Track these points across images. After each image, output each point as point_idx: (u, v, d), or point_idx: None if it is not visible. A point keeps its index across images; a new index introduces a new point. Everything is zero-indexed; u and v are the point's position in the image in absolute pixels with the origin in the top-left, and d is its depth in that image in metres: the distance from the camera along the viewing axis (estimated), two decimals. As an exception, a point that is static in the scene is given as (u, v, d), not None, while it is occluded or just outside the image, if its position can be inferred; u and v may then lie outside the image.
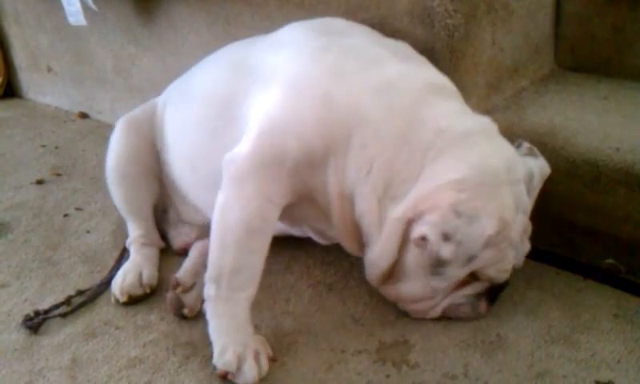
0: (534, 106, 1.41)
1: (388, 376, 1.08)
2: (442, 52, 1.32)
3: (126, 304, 1.30)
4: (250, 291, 1.13)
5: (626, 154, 1.21)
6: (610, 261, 1.27)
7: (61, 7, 2.05)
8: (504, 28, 1.42)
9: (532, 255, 1.32)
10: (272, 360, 1.12)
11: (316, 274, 1.36)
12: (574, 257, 1.31)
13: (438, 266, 1.07)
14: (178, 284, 1.27)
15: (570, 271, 1.29)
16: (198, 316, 1.23)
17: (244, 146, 1.13)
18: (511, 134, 1.32)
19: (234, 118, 1.21)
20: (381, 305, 1.24)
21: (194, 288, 1.28)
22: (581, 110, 1.38)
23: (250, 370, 1.08)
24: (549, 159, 1.27)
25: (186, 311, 1.24)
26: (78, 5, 1.96)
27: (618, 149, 1.23)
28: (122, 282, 1.32)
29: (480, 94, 1.40)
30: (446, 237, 1.03)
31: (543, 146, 1.28)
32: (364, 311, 1.23)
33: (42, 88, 2.62)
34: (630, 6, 1.46)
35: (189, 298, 1.26)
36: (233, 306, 1.12)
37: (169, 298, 1.26)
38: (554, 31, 1.56)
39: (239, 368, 1.08)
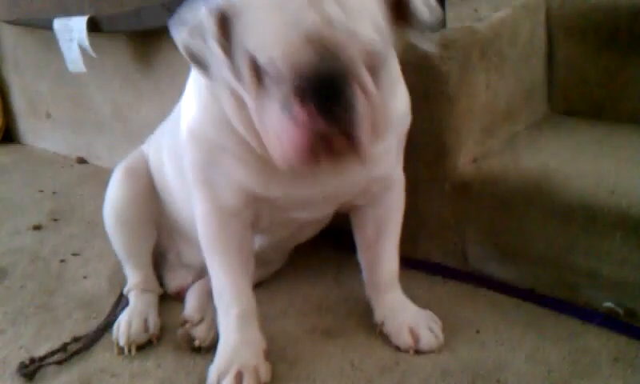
0: (528, 150, 1.43)
1: (387, 423, 1.06)
2: (436, 98, 1.34)
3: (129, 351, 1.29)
4: (236, 309, 1.18)
5: (621, 197, 1.22)
6: (609, 304, 1.26)
7: (60, 54, 2.08)
8: (497, 74, 1.44)
9: (531, 298, 1.33)
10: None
11: (313, 320, 1.35)
12: (572, 300, 1.31)
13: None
14: (185, 321, 1.29)
15: (569, 315, 1.28)
16: (198, 358, 1.23)
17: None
18: (506, 180, 1.34)
19: None
20: (379, 351, 1.23)
21: (203, 321, 1.29)
22: (575, 154, 1.39)
23: None
24: (544, 203, 1.28)
25: (196, 343, 1.26)
26: (78, 51, 1.98)
27: (612, 192, 1.24)
28: (128, 330, 1.31)
29: (475, 138, 1.41)
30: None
31: (539, 190, 1.29)
32: (362, 357, 1.22)
33: (41, 133, 2.64)
34: (620, 51, 1.49)
35: (198, 331, 1.27)
36: (228, 322, 1.18)
37: (179, 334, 1.28)
38: (547, 76, 1.59)
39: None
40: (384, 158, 1.16)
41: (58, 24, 1.98)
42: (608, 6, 1.48)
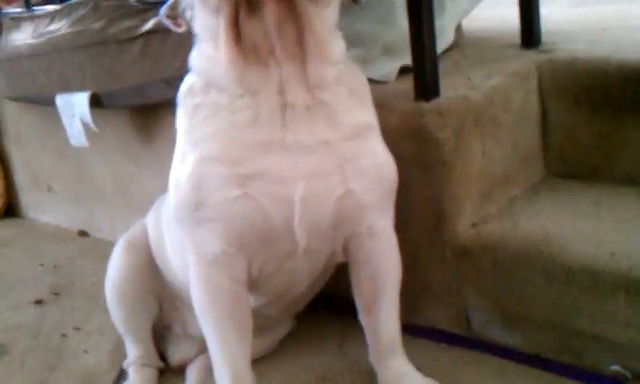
0: (526, 214, 1.44)
1: None
2: (432, 165, 1.36)
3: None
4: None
5: (622, 258, 1.22)
6: (616, 367, 1.25)
7: (62, 128, 2.12)
8: (492, 139, 1.46)
9: (537, 363, 1.32)
10: None
11: (317, 392, 1.33)
12: (579, 364, 1.29)
13: None
14: None
15: (576, 379, 1.27)
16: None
17: None
18: (506, 244, 1.34)
19: None
20: (385, 422, 1.21)
21: None
22: (574, 217, 1.40)
23: None
24: (545, 267, 1.28)
25: None
26: (80, 127, 2.02)
27: (613, 254, 1.24)
28: None
29: (473, 203, 1.43)
30: None
31: (539, 253, 1.29)
32: (368, 429, 1.20)
33: (42, 207, 2.66)
34: (613, 114, 1.51)
35: None
36: None
37: None
38: (543, 140, 1.61)
39: None
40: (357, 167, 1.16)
41: (60, 100, 2.02)
42: (598, 71, 1.52)
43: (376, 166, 1.19)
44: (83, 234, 2.43)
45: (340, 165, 1.14)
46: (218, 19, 1.08)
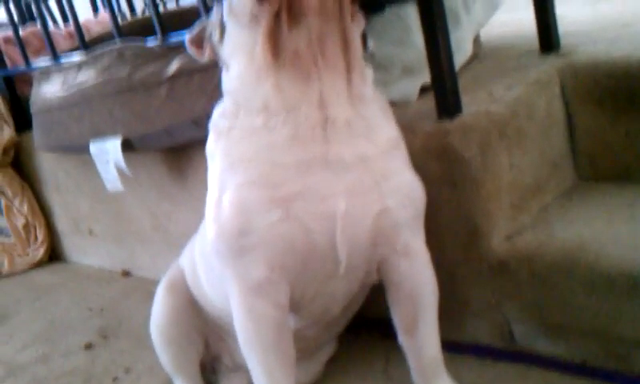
0: (561, 222, 1.43)
1: None
2: (461, 183, 1.37)
3: None
4: None
5: (660, 261, 1.21)
6: (664, 370, 1.24)
7: (98, 174, 2.18)
8: (520, 150, 1.46)
9: (583, 372, 1.31)
10: None
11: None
12: (627, 370, 1.28)
13: None
14: None
15: (624, 386, 1.26)
16: None
17: None
18: (542, 254, 1.34)
19: None
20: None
21: None
22: (608, 221, 1.39)
23: None
24: (583, 275, 1.28)
25: None
26: (115, 172, 2.07)
27: (651, 256, 1.23)
28: None
29: (505, 216, 1.43)
30: None
31: (576, 262, 1.29)
32: None
33: (85, 250, 2.73)
34: (638, 113, 1.50)
35: None
36: None
37: None
38: (570, 145, 1.61)
39: None
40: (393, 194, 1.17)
41: (94, 148, 2.08)
42: (621, 72, 1.51)
43: (407, 183, 1.21)
44: (126, 274, 2.48)
45: (377, 181, 1.15)
46: (253, 32, 1.08)
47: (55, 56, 2.28)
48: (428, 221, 1.27)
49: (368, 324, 1.54)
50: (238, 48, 1.15)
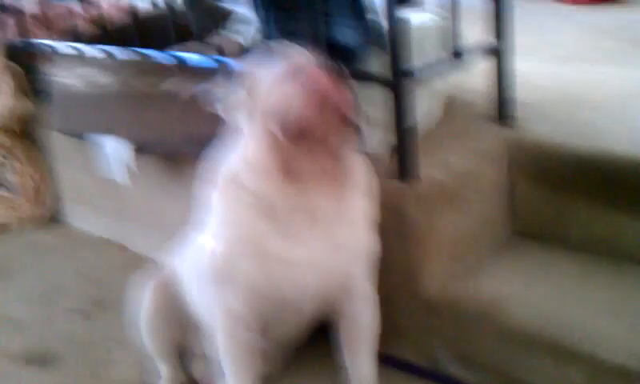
0: (487, 277, 1.76)
1: None
2: (409, 236, 1.69)
3: None
4: None
5: (551, 324, 1.54)
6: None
7: (106, 159, 2.45)
8: (462, 214, 1.77)
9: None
10: None
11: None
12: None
13: None
14: None
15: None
16: None
17: None
18: (465, 303, 1.66)
19: None
20: None
21: None
22: (525, 282, 1.72)
23: None
24: (494, 326, 1.60)
25: None
26: (124, 169, 2.35)
27: (544, 318, 1.55)
28: None
29: (443, 265, 1.74)
30: None
31: (490, 315, 1.62)
32: None
33: (86, 218, 2.98)
34: (567, 195, 1.82)
35: None
36: None
37: None
38: (509, 208, 1.92)
39: None
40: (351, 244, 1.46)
41: (109, 146, 2.35)
42: (557, 157, 1.81)
43: (365, 244, 1.51)
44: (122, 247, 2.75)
45: (341, 246, 1.44)
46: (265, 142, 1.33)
47: (78, 50, 2.51)
48: (379, 262, 1.57)
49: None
50: (250, 137, 1.38)
